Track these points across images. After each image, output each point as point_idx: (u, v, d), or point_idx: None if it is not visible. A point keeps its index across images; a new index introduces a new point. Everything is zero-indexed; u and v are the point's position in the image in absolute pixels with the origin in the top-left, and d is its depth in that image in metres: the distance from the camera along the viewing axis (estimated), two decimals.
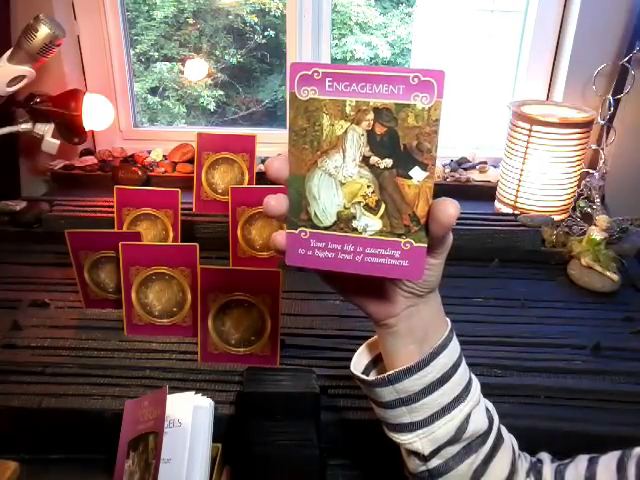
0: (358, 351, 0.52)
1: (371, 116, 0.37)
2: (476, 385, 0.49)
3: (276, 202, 0.40)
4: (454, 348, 0.47)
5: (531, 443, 0.56)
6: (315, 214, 0.40)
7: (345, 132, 0.38)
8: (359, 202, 0.39)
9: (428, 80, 0.36)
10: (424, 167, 0.38)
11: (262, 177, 1.23)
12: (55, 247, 1.02)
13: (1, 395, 0.72)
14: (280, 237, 0.40)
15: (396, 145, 0.38)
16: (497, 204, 1.20)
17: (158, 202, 0.97)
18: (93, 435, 0.71)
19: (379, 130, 0.38)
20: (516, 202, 1.14)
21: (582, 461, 0.50)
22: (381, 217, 0.39)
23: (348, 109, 0.38)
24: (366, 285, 0.45)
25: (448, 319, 0.48)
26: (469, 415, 0.47)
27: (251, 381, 0.69)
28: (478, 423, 0.48)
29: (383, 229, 0.39)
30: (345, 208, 0.39)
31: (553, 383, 0.75)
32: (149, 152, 1.36)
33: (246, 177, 1.09)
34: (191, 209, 1.10)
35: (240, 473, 0.68)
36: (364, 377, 0.49)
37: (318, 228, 0.40)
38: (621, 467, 0.47)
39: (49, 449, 0.72)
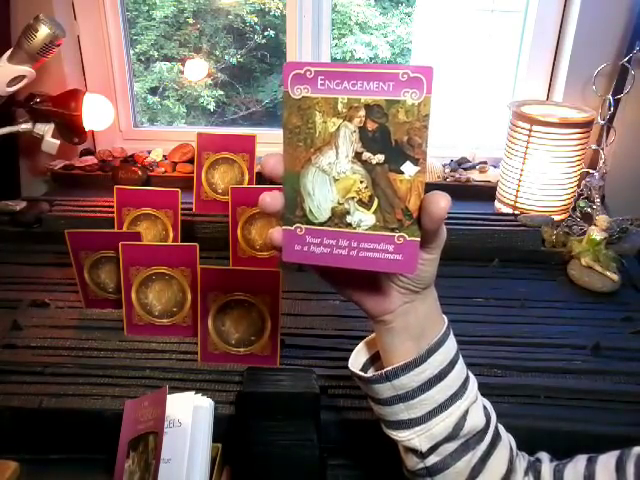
0: (356, 349, 0.53)
1: (362, 113, 0.38)
2: (473, 382, 0.50)
3: (271, 199, 0.40)
4: (451, 345, 0.48)
5: (531, 443, 0.56)
6: (310, 210, 0.40)
7: (337, 129, 0.39)
8: (352, 197, 0.40)
9: (417, 76, 0.36)
10: (415, 162, 0.38)
11: (262, 177, 1.23)
12: (55, 247, 1.02)
13: (1, 395, 0.72)
14: (277, 233, 0.41)
15: (387, 141, 0.38)
16: (497, 204, 1.20)
17: (158, 202, 0.97)
18: (93, 435, 0.71)
19: (370, 126, 0.38)
20: (516, 202, 1.14)
21: (581, 460, 0.50)
22: (374, 212, 0.39)
23: (340, 106, 0.38)
24: (361, 281, 0.45)
25: (445, 316, 0.49)
26: (467, 412, 0.48)
27: (251, 381, 0.69)
28: (475, 420, 0.48)
29: (377, 224, 0.40)
30: (339, 204, 0.40)
31: (553, 383, 0.75)
32: (149, 152, 1.36)
33: (246, 177, 1.09)
34: (191, 209, 1.10)
35: (240, 473, 0.68)
36: (361, 374, 0.49)
37: (313, 224, 0.40)
38: (620, 467, 0.47)
39: (49, 449, 0.72)
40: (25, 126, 1.13)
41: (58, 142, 1.15)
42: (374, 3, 3.27)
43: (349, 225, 0.40)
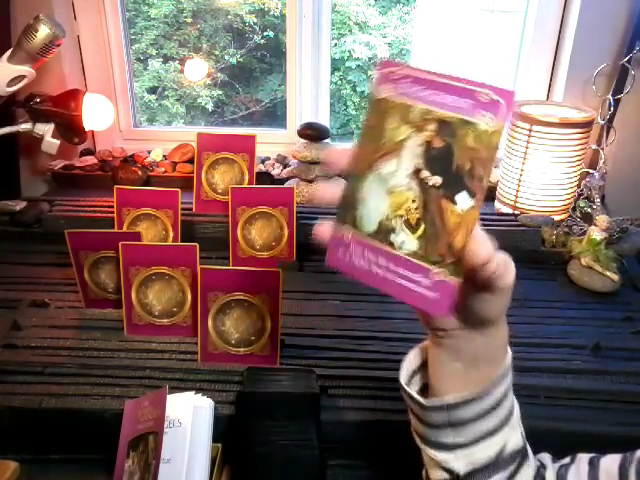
0: (408, 357, 0.49)
1: (433, 127, 0.36)
2: (517, 406, 0.49)
3: (330, 191, 0.39)
4: (510, 376, 0.47)
5: (531, 443, 0.56)
6: (360, 217, 0.38)
7: (406, 139, 0.37)
8: (401, 215, 0.37)
9: (497, 100, 0.34)
10: (472, 194, 0.35)
11: (262, 177, 1.23)
12: (55, 247, 1.02)
13: (1, 395, 0.72)
14: (324, 228, 0.40)
15: (449, 163, 0.35)
16: (497, 204, 1.20)
17: (158, 202, 0.97)
18: (93, 435, 0.71)
19: (437, 143, 0.36)
20: (516, 202, 1.14)
21: (583, 463, 0.50)
22: (419, 238, 0.37)
23: (414, 115, 0.36)
24: None
25: (509, 349, 0.47)
26: (509, 438, 0.46)
27: (251, 381, 0.69)
28: (515, 444, 0.47)
29: (418, 251, 0.37)
30: (387, 219, 0.38)
31: (553, 383, 0.75)
32: (149, 152, 1.36)
33: (246, 177, 1.09)
34: (191, 209, 1.10)
35: (240, 473, 0.68)
36: (419, 398, 0.46)
37: (360, 232, 0.39)
38: (623, 473, 0.46)
39: (49, 449, 0.72)
40: (25, 126, 1.13)
41: (58, 142, 1.15)
42: (373, 3, 3.27)
43: (391, 244, 0.37)
